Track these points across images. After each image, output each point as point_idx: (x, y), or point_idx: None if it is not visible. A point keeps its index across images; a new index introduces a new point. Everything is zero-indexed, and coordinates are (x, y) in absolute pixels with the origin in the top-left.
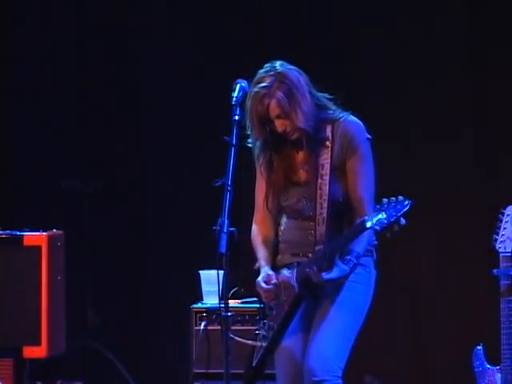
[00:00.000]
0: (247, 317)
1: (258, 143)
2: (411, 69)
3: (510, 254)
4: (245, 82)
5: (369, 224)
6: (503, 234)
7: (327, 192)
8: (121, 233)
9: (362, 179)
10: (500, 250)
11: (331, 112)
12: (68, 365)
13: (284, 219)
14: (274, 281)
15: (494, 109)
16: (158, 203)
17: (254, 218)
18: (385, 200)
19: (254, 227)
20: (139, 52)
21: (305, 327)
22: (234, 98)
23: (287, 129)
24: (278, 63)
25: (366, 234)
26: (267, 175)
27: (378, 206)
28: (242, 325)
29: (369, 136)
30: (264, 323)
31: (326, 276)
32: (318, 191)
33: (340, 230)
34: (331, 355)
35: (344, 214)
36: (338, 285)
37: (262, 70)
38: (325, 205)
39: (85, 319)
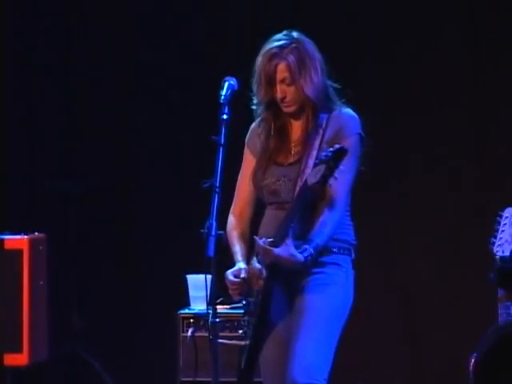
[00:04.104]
0: (236, 323)
1: (262, 107)
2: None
3: (508, 258)
4: (233, 79)
5: (310, 180)
6: (501, 237)
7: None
8: (106, 235)
9: (342, 171)
10: (498, 254)
11: (332, 102)
12: (51, 372)
13: (265, 212)
14: (242, 275)
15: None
16: (143, 205)
17: (231, 209)
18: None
19: (231, 219)
20: (127, 50)
21: (284, 333)
22: (223, 97)
23: (287, 97)
24: (296, 32)
25: (329, 225)
26: (264, 145)
27: (316, 161)
28: (231, 331)
29: (361, 132)
30: (244, 320)
31: (276, 251)
32: (301, 174)
33: (313, 221)
34: (314, 366)
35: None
36: (314, 288)
37: (279, 34)
38: None
39: (69, 325)
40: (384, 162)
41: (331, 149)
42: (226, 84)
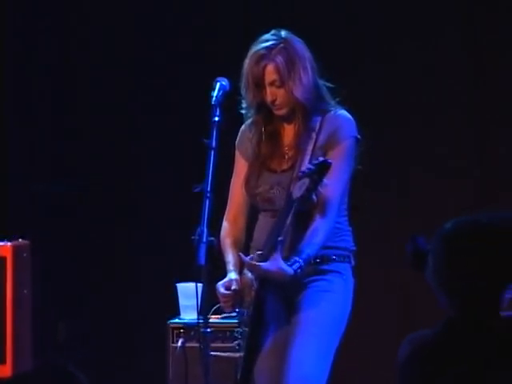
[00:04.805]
0: (228, 333)
1: (252, 111)
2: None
3: None
4: (225, 80)
5: (295, 194)
6: None
7: None
8: (93, 242)
9: (336, 176)
10: None
11: (326, 103)
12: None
13: (259, 217)
14: (234, 287)
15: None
16: (131, 210)
17: (225, 215)
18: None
19: (225, 226)
20: (127, 50)
21: (281, 341)
22: (214, 98)
23: (277, 100)
24: (284, 31)
25: (321, 233)
26: (256, 150)
27: (301, 174)
28: (223, 342)
29: (357, 135)
30: (238, 331)
31: (264, 266)
32: (293, 182)
33: (305, 227)
34: (311, 376)
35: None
36: (313, 295)
37: (266, 34)
38: None
39: (54, 335)
40: (384, 162)
41: (315, 161)
42: (218, 85)
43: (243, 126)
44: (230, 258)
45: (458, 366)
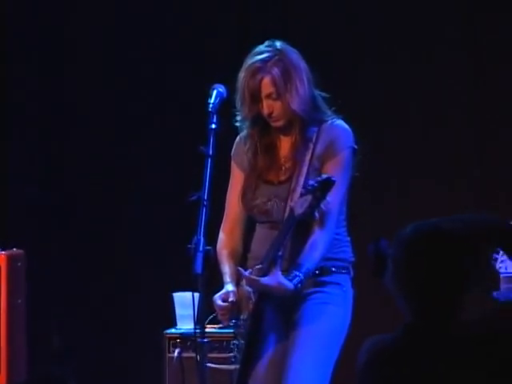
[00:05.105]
0: (225, 343)
1: (247, 123)
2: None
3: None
4: (222, 87)
5: (297, 211)
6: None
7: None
8: (89, 251)
9: (333, 189)
10: (501, 271)
11: (322, 113)
12: None
13: (256, 228)
14: (231, 299)
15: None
16: (126, 218)
17: (222, 226)
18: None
19: (222, 237)
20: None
21: (279, 354)
22: (211, 105)
23: (274, 112)
24: (279, 42)
25: (320, 246)
26: (252, 163)
27: (303, 190)
28: (220, 352)
29: (354, 145)
30: (234, 344)
31: (263, 281)
32: (291, 193)
33: (304, 240)
34: None
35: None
36: (312, 307)
37: (261, 45)
38: None
39: (49, 345)
40: (384, 162)
41: (319, 178)
42: (215, 92)
43: (238, 138)
44: (227, 269)
45: (416, 369)
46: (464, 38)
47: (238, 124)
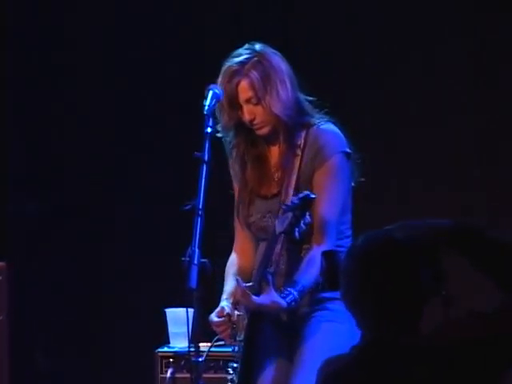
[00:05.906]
0: (221, 363)
1: (230, 134)
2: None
3: None
4: (218, 88)
5: (278, 229)
6: None
7: None
8: (78, 266)
9: (327, 197)
10: None
11: (308, 116)
12: None
13: (259, 245)
14: (226, 311)
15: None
16: (116, 229)
17: (234, 245)
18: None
19: (232, 256)
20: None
21: (282, 376)
22: (206, 107)
23: (256, 119)
24: (258, 44)
25: (317, 263)
26: (240, 177)
27: (284, 207)
28: (216, 372)
29: (347, 149)
30: (231, 366)
31: (257, 300)
32: (281, 207)
33: (300, 255)
34: None
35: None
36: (316, 326)
37: (240, 48)
38: None
39: (33, 364)
40: (384, 162)
41: (299, 195)
42: (211, 93)
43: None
44: (227, 287)
45: None
46: (464, 38)
47: (219, 135)
